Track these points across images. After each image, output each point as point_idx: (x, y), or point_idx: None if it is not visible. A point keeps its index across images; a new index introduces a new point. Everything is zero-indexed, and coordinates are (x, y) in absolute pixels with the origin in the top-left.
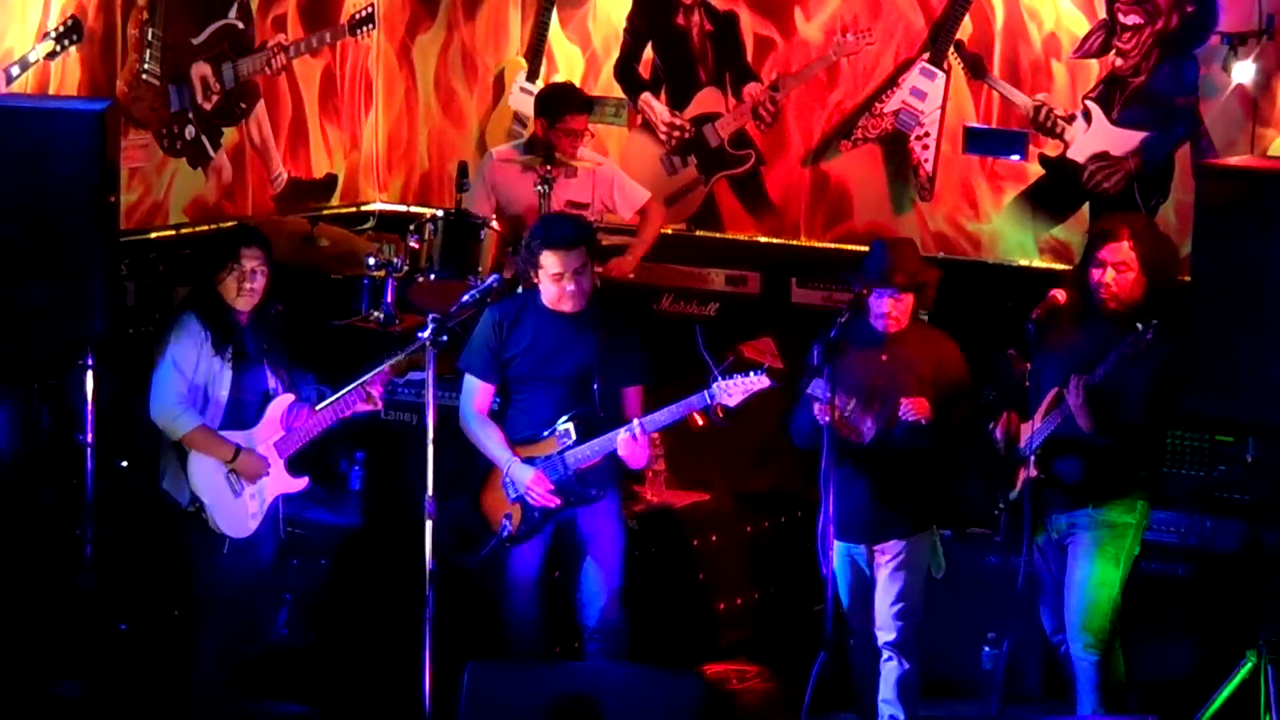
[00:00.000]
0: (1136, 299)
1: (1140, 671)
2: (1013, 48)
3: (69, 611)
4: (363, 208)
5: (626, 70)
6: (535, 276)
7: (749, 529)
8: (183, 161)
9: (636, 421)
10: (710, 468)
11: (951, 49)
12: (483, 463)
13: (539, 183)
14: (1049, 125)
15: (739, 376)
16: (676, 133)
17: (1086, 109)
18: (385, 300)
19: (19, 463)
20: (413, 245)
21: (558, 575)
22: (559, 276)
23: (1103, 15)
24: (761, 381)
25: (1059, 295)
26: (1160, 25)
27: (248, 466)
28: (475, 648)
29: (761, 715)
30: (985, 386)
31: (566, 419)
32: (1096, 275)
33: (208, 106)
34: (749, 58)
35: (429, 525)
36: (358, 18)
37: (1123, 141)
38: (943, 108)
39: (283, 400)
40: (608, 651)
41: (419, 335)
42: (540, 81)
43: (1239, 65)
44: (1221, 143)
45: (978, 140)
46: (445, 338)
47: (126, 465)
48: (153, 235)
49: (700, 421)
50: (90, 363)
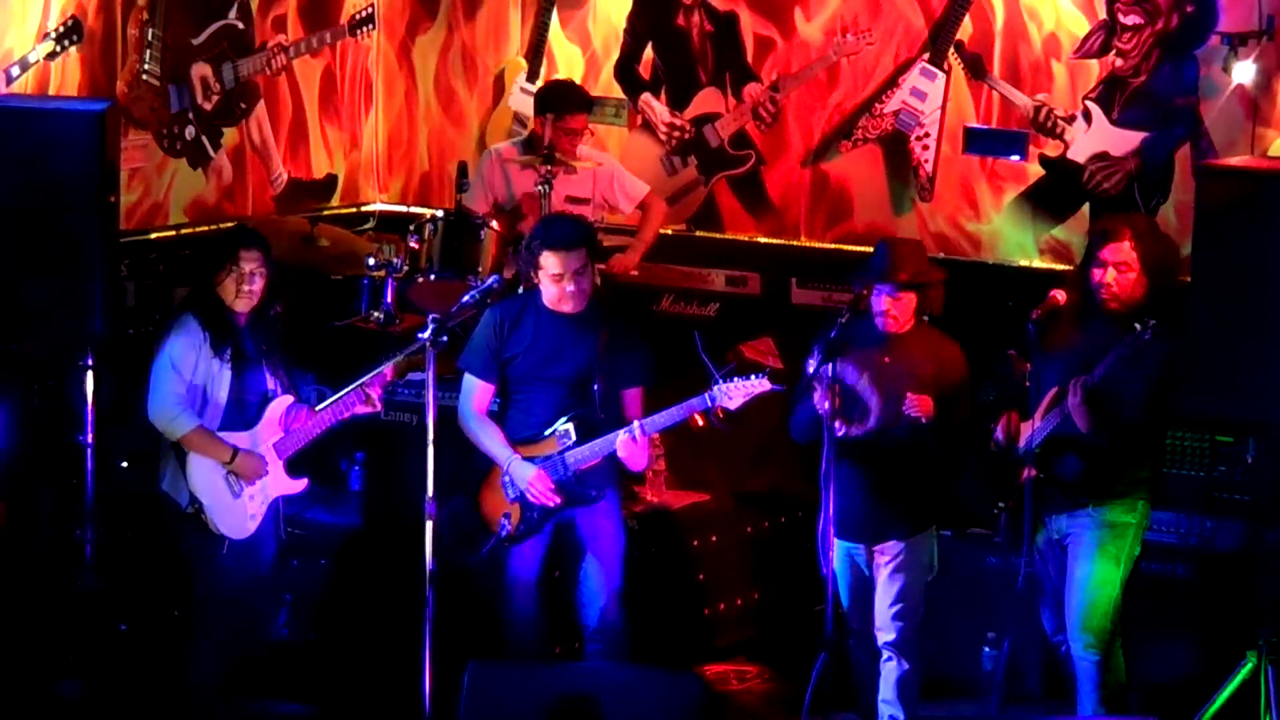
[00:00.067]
0: (1137, 299)
1: (1140, 671)
2: (1013, 48)
3: (69, 611)
4: (363, 208)
5: (626, 70)
6: (536, 277)
7: (749, 529)
8: (183, 162)
9: (636, 424)
10: (710, 468)
11: (951, 49)
12: (481, 462)
13: (539, 182)
14: (1049, 126)
15: (740, 379)
16: (676, 133)
17: (1086, 109)
18: (385, 300)
19: (19, 463)
20: (413, 245)
21: (558, 575)
22: (559, 277)
23: (1103, 15)
24: (762, 385)
25: (1059, 295)
26: (1160, 25)
27: (246, 468)
28: (475, 648)
29: (761, 715)
30: (985, 386)
31: (566, 419)
32: (1097, 275)
33: (208, 107)
34: (749, 58)
35: (429, 525)
36: (358, 18)
37: (1123, 142)
38: (943, 108)
39: (282, 401)
40: (608, 652)
41: (419, 336)
42: (540, 82)
43: (1239, 65)
44: (1221, 143)
45: (978, 140)
46: (445, 338)
47: (126, 465)
48: (153, 235)
49: (700, 422)
50: (90, 363)
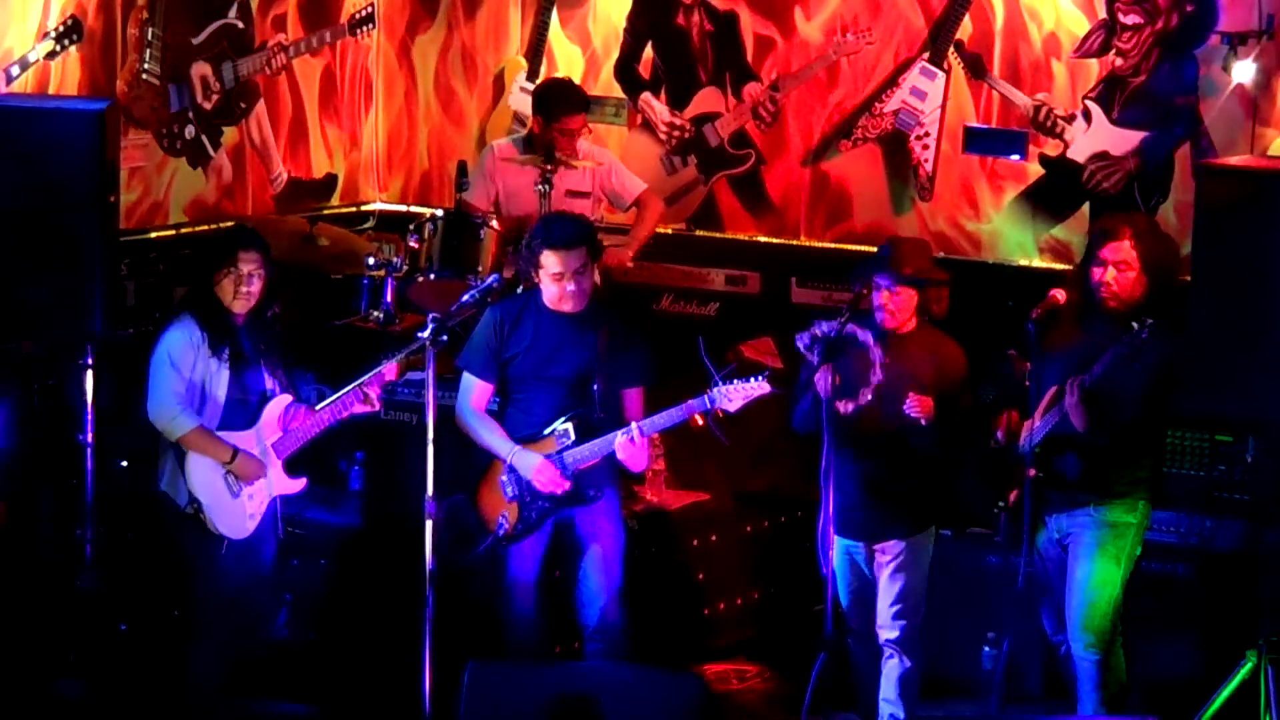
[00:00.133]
0: (1137, 298)
1: (1140, 671)
2: (1013, 47)
3: (69, 611)
4: (363, 207)
5: (626, 70)
6: (536, 276)
7: (749, 529)
8: (182, 161)
9: (635, 425)
10: (710, 468)
11: (951, 49)
12: (480, 460)
13: (539, 182)
14: (1049, 125)
15: (739, 382)
16: (676, 132)
17: (1086, 109)
18: (385, 300)
19: (19, 463)
20: (412, 245)
21: (557, 575)
22: (559, 276)
23: (1103, 15)
24: (762, 387)
25: (1059, 295)
26: (1160, 25)
27: (245, 467)
28: (475, 648)
29: (761, 715)
30: (985, 386)
31: (566, 419)
32: (1098, 274)
33: (208, 106)
34: (749, 57)
35: (429, 525)
36: (358, 17)
37: (1123, 141)
38: (943, 107)
39: (280, 401)
40: (607, 651)
41: (419, 335)
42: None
43: (1239, 65)
44: (1221, 142)
45: (978, 140)
46: (445, 338)
47: (126, 465)
48: (153, 235)
49: (700, 422)
50: (90, 362)
